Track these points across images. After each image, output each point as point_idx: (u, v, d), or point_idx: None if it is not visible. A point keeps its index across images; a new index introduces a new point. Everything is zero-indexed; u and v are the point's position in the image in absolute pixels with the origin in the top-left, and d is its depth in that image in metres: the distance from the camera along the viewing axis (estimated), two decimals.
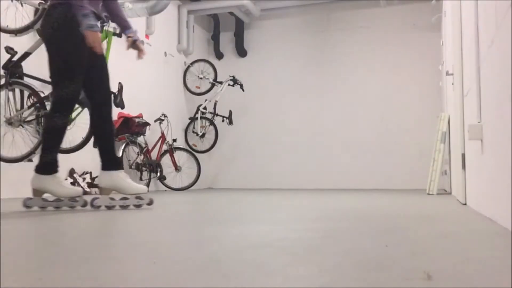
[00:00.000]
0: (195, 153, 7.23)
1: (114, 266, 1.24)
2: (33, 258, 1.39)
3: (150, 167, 6.43)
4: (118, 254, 1.44)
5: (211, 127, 7.62)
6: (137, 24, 3.58)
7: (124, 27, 3.44)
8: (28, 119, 4.47)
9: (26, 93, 4.52)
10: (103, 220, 2.57)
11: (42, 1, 4.44)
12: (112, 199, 3.21)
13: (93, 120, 3.32)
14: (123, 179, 3.23)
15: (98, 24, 3.30)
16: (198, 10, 8.16)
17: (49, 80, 4.78)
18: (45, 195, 3.22)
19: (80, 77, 3.14)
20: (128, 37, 3.41)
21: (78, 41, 3.09)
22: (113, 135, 3.33)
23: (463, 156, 3.65)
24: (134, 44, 3.41)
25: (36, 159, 4.65)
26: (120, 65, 5.92)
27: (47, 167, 3.16)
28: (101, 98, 3.28)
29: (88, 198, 3.26)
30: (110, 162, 3.25)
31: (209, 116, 7.69)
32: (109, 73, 3.36)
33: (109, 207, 3.20)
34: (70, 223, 2.44)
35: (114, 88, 4.94)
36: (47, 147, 3.16)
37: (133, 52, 3.55)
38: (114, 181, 3.21)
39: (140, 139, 6.33)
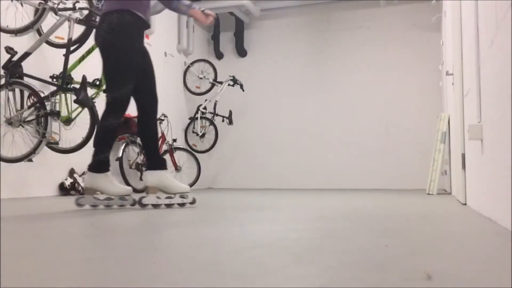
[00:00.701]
0: (195, 153, 7.23)
1: (112, 267, 1.24)
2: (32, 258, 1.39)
3: None
4: (120, 254, 1.44)
5: (211, 127, 7.62)
6: None
7: (189, 4, 3.51)
8: (28, 119, 4.47)
9: (26, 93, 4.52)
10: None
11: (42, 1, 4.43)
12: (158, 197, 3.31)
13: (139, 122, 3.44)
14: (169, 178, 3.38)
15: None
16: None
17: (49, 80, 4.84)
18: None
19: (134, 79, 3.27)
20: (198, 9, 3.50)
21: (133, 45, 3.27)
22: (157, 136, 3.46)
23: (463, 156, 3.65)
24: (203, 14, 3.49)
25: (36, 159, 4.67)
26: None
27: (100, 165, 3.25)
28: (148, 101, 3.41)
29: (136, 196, 3.35)
30: (156, 162, 3.38)
31: (209, 116, 7.69)
32: (155, 77, 3.48)
33: (155, 206, 3.30)
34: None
35: None
36: (100, 146, 3.25)
37: None
38: (161, 180, 3.34)
39: None
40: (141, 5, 3.30)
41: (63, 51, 4.60)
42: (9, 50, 4.50)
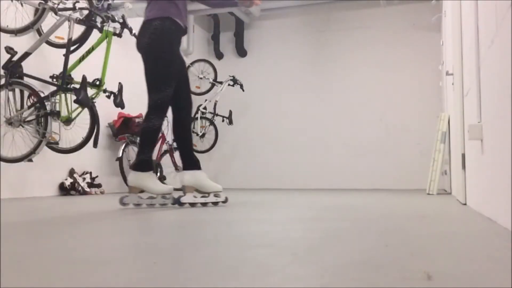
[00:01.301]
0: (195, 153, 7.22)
1: (111, 267, 1.24)
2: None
3: None
4: (121, 254, 1.44)
5: (211, 127, 7.62)
6: (138, 24, 3.60)
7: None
8: (28, 119, 4.47)
9: (26, 93, 4.52)
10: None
11: (42, 1, 4.43)
12: (194, 196, 3.45)
13: (175, 124, 3.61)
14: (205, 178, 3.52)
15: None
16: (198, 10, 8.13)
17: (49, 80, 4.84)
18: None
19: (174, 82, 3.44)
20: None
21: (173, 51, 3.46)
22: (191, 138, 3.64)
23: (463, 156, 3.65)
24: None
25: (36, 159, 4.67)
26: (120, 65, 5.92)
27: (144, 165, 3.35)
28: (184, 105, 3.61)
29: (176, 195, 3.45)
30: (192, 162, 3.53)
31: (209, 116, 7.69)
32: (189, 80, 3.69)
33: (192, 204, 3.44)
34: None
35: (114, 88, 4.94)
36: (144, 147, 3.38)
37: (132, 52, 3.60)
38: (197, 180, 3.48)
39: None
40: (180, 13, 3.43)
41: (63, 51, 4.60)
42: (9, 50, 4.50)
